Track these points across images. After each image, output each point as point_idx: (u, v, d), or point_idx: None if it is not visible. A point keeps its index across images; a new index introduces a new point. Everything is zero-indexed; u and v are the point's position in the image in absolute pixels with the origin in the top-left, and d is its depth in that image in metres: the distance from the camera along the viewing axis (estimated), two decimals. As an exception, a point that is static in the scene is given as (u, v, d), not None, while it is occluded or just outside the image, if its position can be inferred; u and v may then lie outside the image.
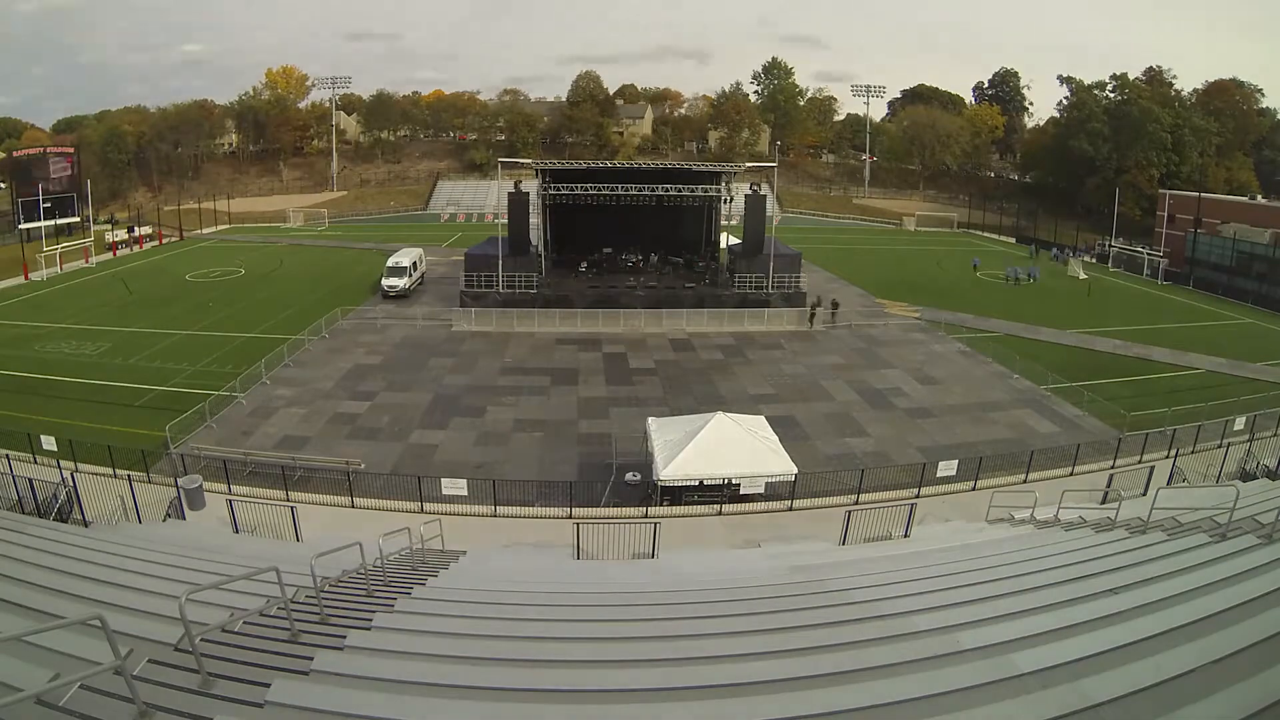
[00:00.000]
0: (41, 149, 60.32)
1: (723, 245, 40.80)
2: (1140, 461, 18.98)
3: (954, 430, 22.72)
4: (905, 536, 13.85)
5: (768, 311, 33.87)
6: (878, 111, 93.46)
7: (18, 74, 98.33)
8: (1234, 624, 5.87)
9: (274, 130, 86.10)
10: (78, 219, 54.17)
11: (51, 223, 50.70)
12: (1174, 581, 7.26)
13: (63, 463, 18.08)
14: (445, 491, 17.35)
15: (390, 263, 39.10)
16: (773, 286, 35.53)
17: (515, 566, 12.62)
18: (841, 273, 45.35)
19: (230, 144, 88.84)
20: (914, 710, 4.96)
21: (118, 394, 24.23)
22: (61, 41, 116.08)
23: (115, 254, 49.80)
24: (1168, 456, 19.55)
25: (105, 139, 78.40)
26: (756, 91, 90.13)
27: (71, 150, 60.40)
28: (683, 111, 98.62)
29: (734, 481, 17.24)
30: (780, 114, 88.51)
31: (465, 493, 17.28)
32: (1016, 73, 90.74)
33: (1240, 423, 21.72)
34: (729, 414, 19.28)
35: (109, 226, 56.34)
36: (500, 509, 16.47)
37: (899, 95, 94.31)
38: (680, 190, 36.46)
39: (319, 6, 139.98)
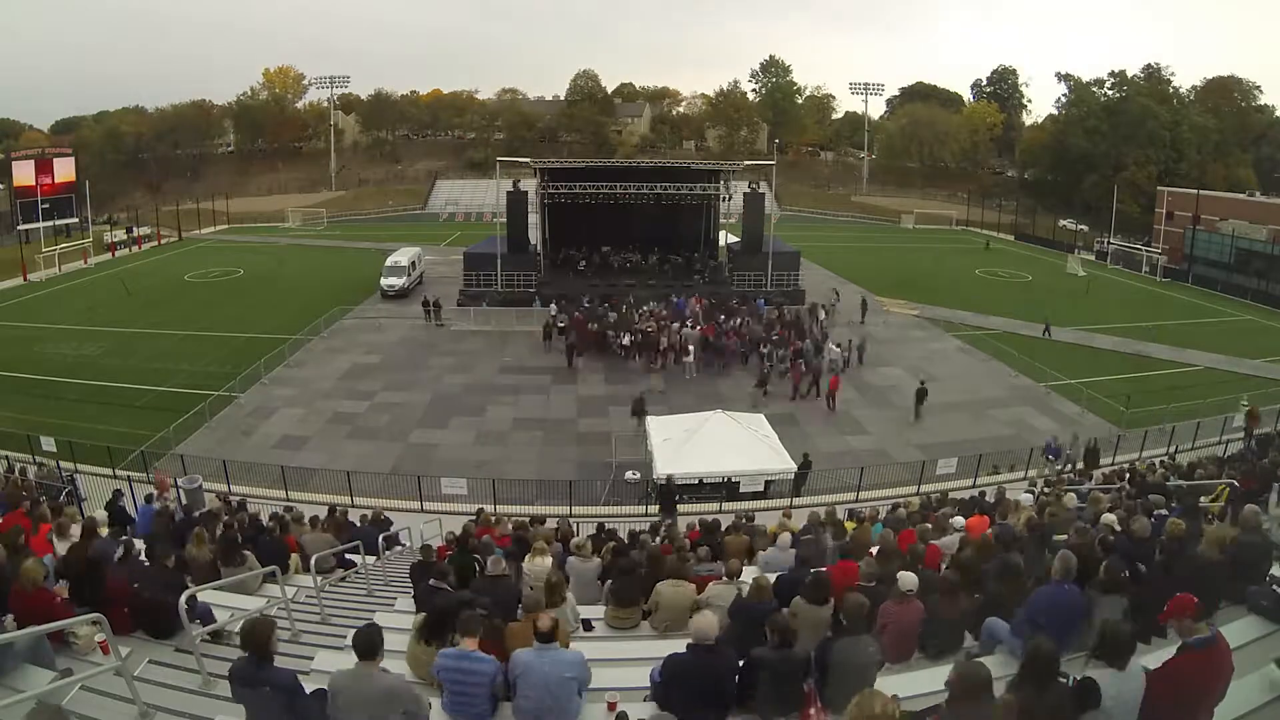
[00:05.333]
0: (40, 150, 60.19)
1: (722, 243, 40.78)
2: (1140, 458, 19.00)
3: (953, 427, 22.74)
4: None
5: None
6: (876, 109, 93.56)
7: (16, 74, 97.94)
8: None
9: (272, 130, 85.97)
10: (76, 220, 54.04)
11: (50, 224, 50.54)
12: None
13: (63, 463, 18.07)
14: (445, 491, 17.36)
15: (389, 262, 39.05)
16: (772, 284, 35.56)
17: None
18: (840, 271, 45.32)
19: (229, 144, 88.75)
20: (913, 707, 4.96)
21: (117, 394, 24.21)
22: (60, 41, 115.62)
23: (114, 255, 49.65)
24: (1167, 453, 19.59)
25: (104, 140, 78.35)
26: (755, 90, 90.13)
27: (70, 151, 60.26)
28: (681, 110, 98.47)
29: (733, 479, 17.25)
30: (779, 112, 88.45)
31: (465, 492, 17.29)
32: (1015, 70, 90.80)
33: (1239, 419, 21.74)
34: (728, 412, 19.32)
35: (108, 227, 56.19)
36: (500, 508, 16.46)
37: (897, 93, 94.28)
38: (679, 188, 36.42)
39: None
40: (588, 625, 7.20)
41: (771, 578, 6.45)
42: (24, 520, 8.42)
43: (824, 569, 6.47)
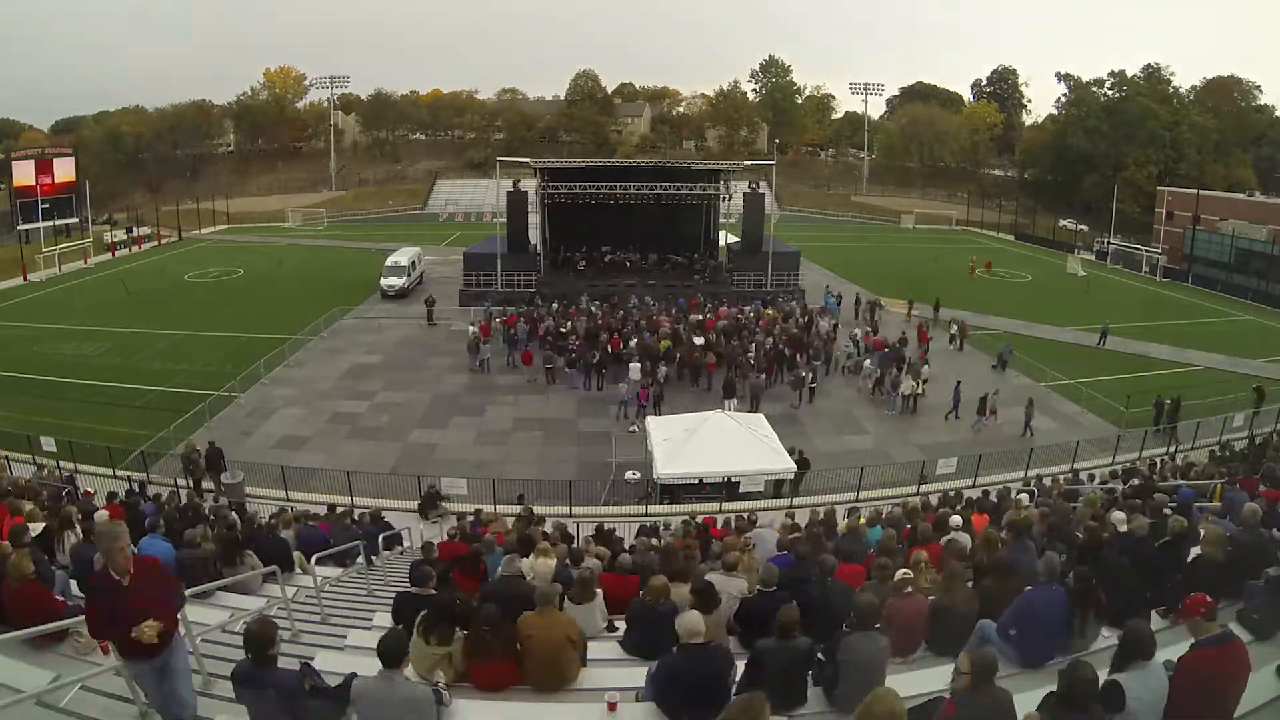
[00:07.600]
0: (40, 150, 60.17)
1: (722, 243, 40.79)
2: (1139, 458, 19.01)
3: (953, 427, 22.74)
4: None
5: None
6: (876, 109, 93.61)
7: (16, 74, 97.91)
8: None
9: (272, 130, 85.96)
10: (76, 220, 54.03)
11: (50, 224, 50.53)
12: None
13: (63, 463, 18.07)
14: (445, 490, 17.36)
15: (389, 262, 39.05)
16: (772, 284, 35.55)
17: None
18: (840, 270, 45.32)
19: (229, 144, 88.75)
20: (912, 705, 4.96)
21: (117, 394, 24.19)
22: (61, 41, 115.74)
23: (114, 255, 49.63)
24: (1167, 453, 19.61)
25: (104, 140, 78.35)
26: (755, 89, 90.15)
27: (70, 151, 60.23)
28: (681, 109, 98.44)
29: (733, 479, 17.25)
30: (779, 112, 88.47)
31: (465, 492, 17.30)
32: (1014, 70, 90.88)
33: (1239, 419, 21.76)
34: (728, 412, 19.33)
35: (107, 227, 56.16)
36: (500, 508, 16.46)
37: (897, 93, 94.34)
38: (679, 188, 36.43)
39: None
40: (612, 627, 7.08)
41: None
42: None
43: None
